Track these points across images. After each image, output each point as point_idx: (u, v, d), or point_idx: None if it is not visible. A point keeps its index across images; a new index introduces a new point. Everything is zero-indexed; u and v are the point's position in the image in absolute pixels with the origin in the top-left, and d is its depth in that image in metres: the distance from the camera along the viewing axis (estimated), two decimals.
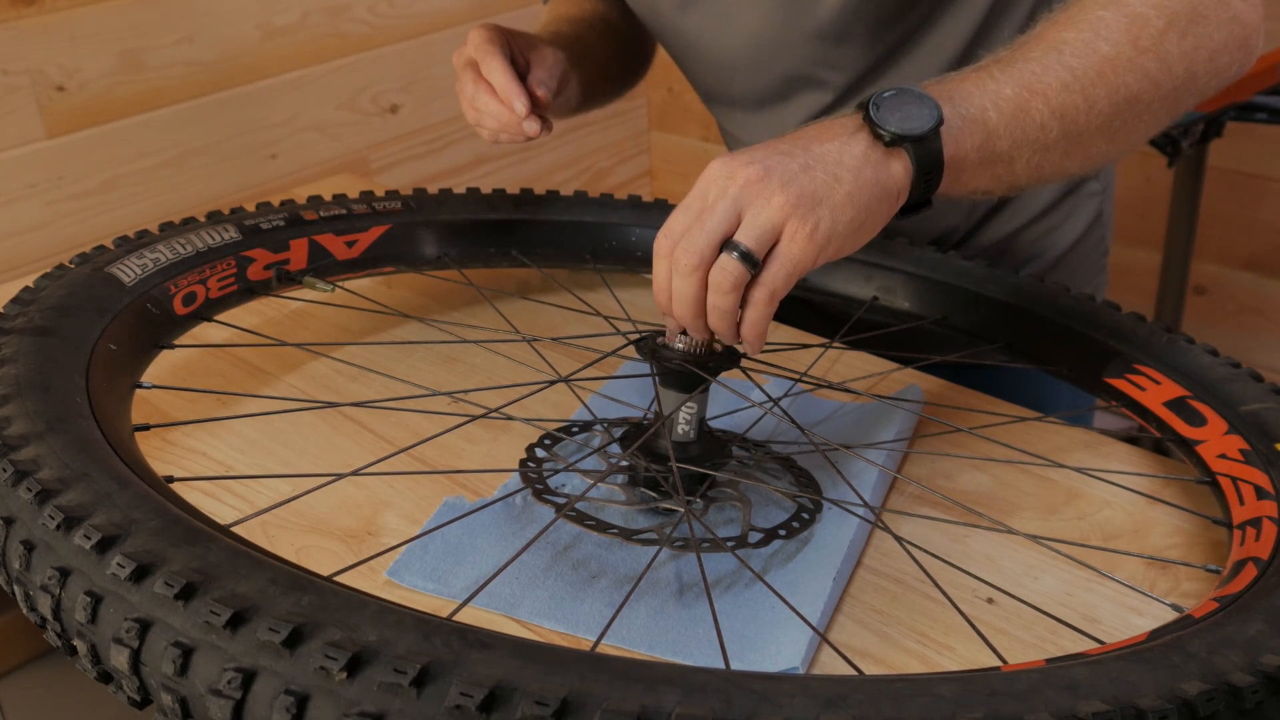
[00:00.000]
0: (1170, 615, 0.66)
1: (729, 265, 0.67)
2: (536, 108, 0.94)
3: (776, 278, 0.68)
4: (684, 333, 0.74)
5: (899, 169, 0.70)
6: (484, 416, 0.85)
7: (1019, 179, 0.77)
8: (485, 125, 0.97)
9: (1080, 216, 1.12)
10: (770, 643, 0.67)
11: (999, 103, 0.73)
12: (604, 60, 1.12)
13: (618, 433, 0.82)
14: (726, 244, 0.67)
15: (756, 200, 0.67)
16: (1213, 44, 0.78)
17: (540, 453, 0.81)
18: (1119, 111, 0.76)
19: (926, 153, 0.70)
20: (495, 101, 0.94)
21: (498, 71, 0.93)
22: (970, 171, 0.74)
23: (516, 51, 0.97)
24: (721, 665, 0.55)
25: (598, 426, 0.85)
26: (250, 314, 1.00)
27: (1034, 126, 0.74)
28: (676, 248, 0.68)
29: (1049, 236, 1.11)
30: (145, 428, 0.72)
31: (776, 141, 0.71)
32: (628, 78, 1.21)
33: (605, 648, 0.63)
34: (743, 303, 0.69)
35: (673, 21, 1.05)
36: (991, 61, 0.76)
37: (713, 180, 0.69)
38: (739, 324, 0.70)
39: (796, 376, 0.88)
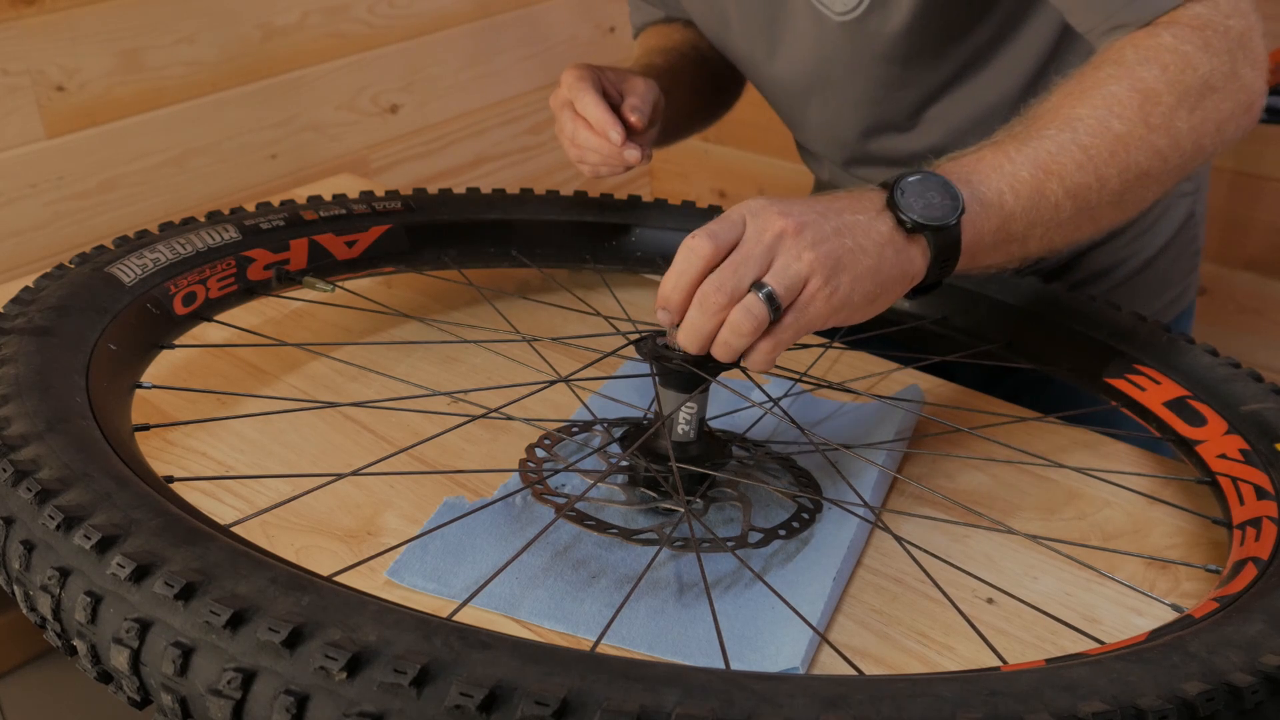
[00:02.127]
0: (1170, 615, 0.67)
1: (755, 308, 0.68)
2: (633, 135, 0.96)
3: (787, 332, 0.70)
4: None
5: (918, 254, 0.72)
6: (484, 416, 0.85)
7: (1031, 254, 0.79)
8: (588, 160, 0.98)
9: (1171, 219, 1.11)
10: (770, 643, 0.67)
11: (1015, 186, 0.75)
12: (698, 86, 1.14)
13: (618, 433, 0.82)
14: (755, 284, 0.68)
15: (788, 252, 0.68)
16: (1220, 115, 0.80)
17: (540, 453, 0.81)
18: (1129, 187, 0.78)
19: (946, 241, 0.72)
20: (594, 135, 0.95)
21: (591, 105, 0.95)
22: (985, 253, 0.76)
23: (608, 85, 0.99)
24: (721, 665, 0.55)
25: (598, 426, 0.85)
26: (250, 314, 1.00)
27: (1048, 207, 0.76)
28: (707, 282, 0.69)
29: (1139, 240, 1.10)
30: (145, 428, 0.72)
31: (812, 200, 0.72)
32: (721, 101, 1.23)
33: (605, 648, 0.63)
34: None
35: (741, 53, 1.07)
36: (1007, 138, 0.78)
37: (752, 215, 0.70)
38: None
39: (796, 376, 0.88)
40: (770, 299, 0.68)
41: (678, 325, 0.71)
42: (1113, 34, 0.83)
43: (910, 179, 0.72)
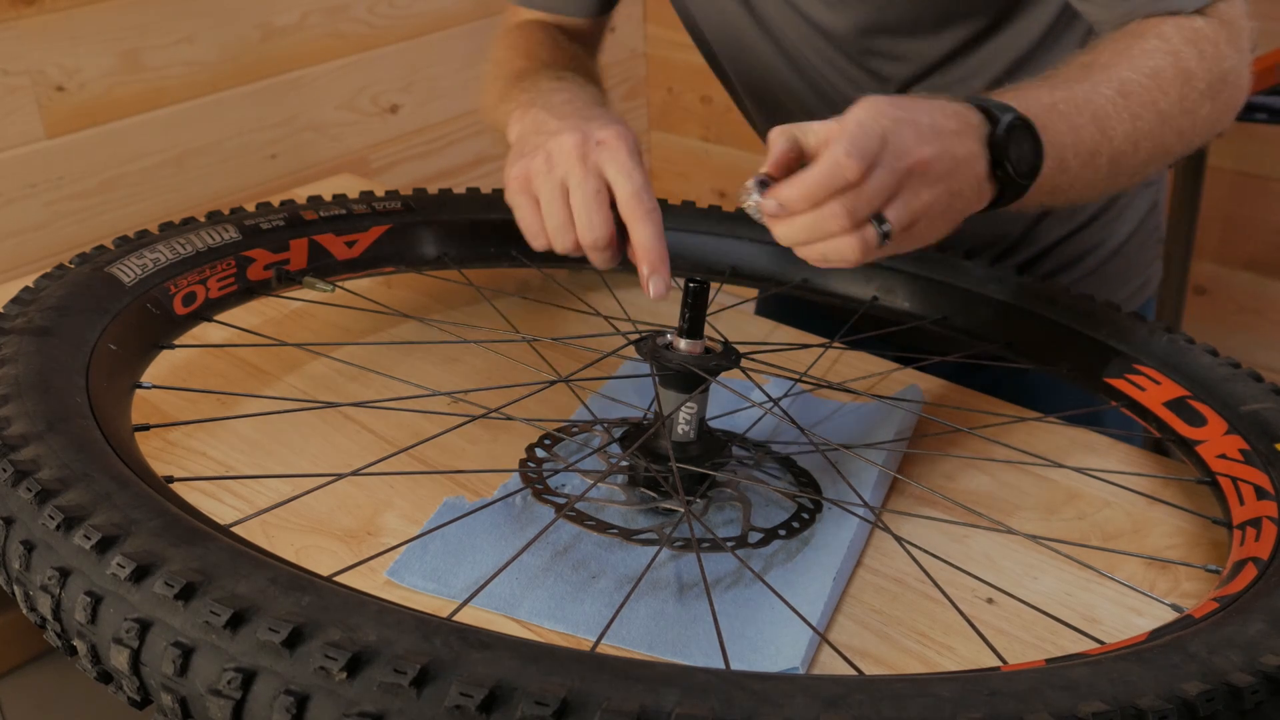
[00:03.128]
0: (1170, 615, 0.66)
1: (871, 240, 0.68)
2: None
3: (874, 256, 0.69)
4: (684, 333, 0.74)
5: (988, 197, 0.73)
6: (484, 416, 0.85)
7: (1054, 205, 0.80)
8: (560, 240, 0.80)
9: (1137, 208, 1.13)
10: (770, 643, 0.67)
11: (1078, 144, 0.76)
12: None
13: (618, 433, 0.82)
14: (876, 215, 0.68)
15: (913, 188, 0.68)
16: (1228, 108, 0.83)
17: (540, 453, 0.81)
18: (1151, 161, 0.81)
19: (1015, 194, 0.73)
20: (610, 235, 0.78)
21: (652, 237, 0.76)
22: (1026, 203, 0.76)
23: None
24: (721, 665, 0.55)
25: (598, 426, 0.85)
26: (250, 314, 1.00)
27: (1094, 168, 0.77)
28: (840, 200, 0.66)
29: (1107, 228, 1.12)
30: (145, 428, 0.72)
31: (934, 117, 0.70)
32: None
33: (605, 648, 0.63)
34: None
35: (732, 16, 1.05)
36: (1070, 81, 0.78)
37: (892, 134, 0.67)
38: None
39: (796, 376, 0.88)
40: (886, 234, 0.68)
41: (770, 215, 0.69)
42: (1126, 25, 0.84)
43: (1015, 122, 0.72)
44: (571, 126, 0.80)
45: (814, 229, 0.68)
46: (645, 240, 0.76)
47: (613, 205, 0.78)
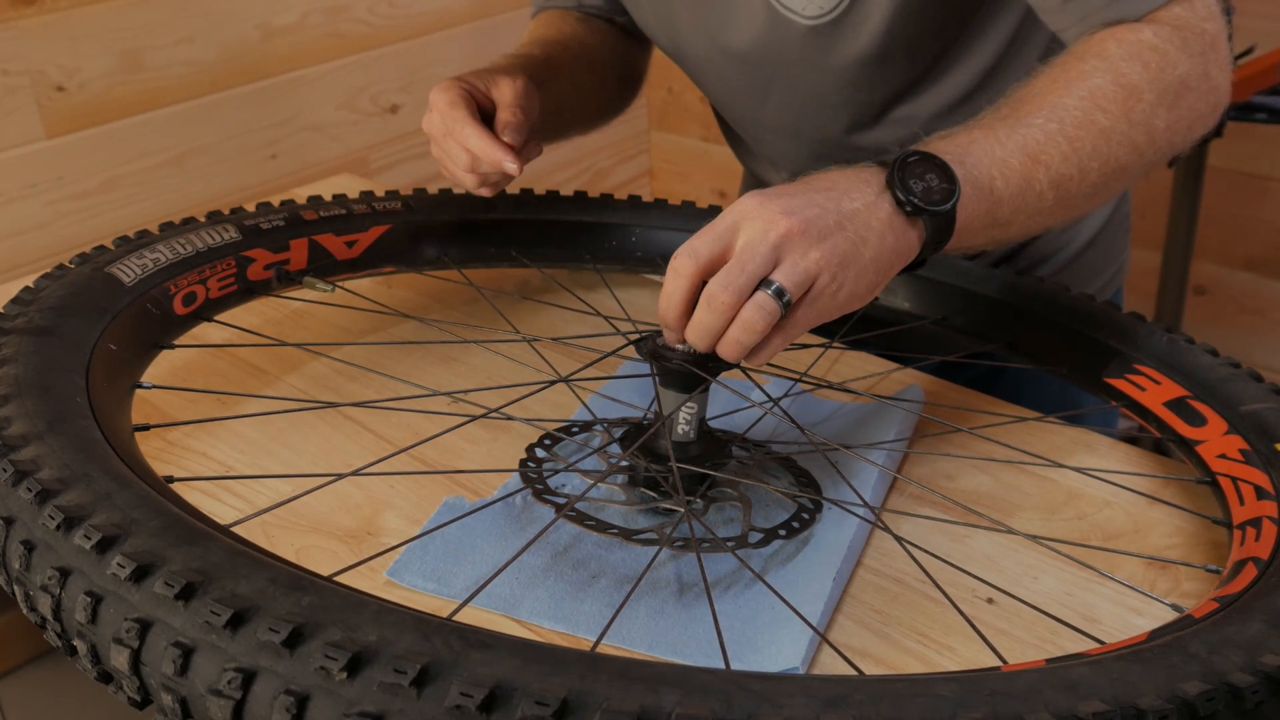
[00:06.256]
0: (1170, 615, 0.67)
1: (767, 304, 0.68)
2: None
3: (798, 326, 0.70)
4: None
5: (914, 236, 0.72)
6: (484, 416, 0.85)
7: (1010, 238, 0.80)
8: (488, 184, 0.96)
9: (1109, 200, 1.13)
10: (770, 643, 0.67)
11: (1005, 172, 0.75)
12: (578, 81, 1.10)
13: (618, 433, 0.82)
14: (764, 282, 0.68)
15: (795, 250, 0.68)
16: (1193, 114, 0.82)
17: (540, 453, 0.82)
18: (1107, 180, 0.80)
19: (942, 224, 0.72)
20: (486, 163, 0.93)
21: (474, 138, 0.92)
22: (972, 235, 0.76)
23: (480, 98, 0.96)
24: (721, 665, 0.55)
25: (598, 426, 0.85)
26: (250, 314, 1.00)
27: (1033, 195, 0.76)
28: (714, 282, 0.68)
29: (1079, 222, 1.11)
30: (145, 428, 0.72)
31: (807, 190, 0.71)
32: (605, 105, 1.19)
33: (605, 648, 0.63)
34: None
35: (698, 41, 1.05)
36: (995, 120, 0.78)
37: (748, 219, 0.69)
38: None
39: (796, 376, 0.88)
40: (780, 294, 0.68)
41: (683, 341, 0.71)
42: (1088, 32, 0.83)
43: (910, 160, 0.72)
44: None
45: (710, 317, 0.69)
46: (480, 152, 0.92)
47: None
